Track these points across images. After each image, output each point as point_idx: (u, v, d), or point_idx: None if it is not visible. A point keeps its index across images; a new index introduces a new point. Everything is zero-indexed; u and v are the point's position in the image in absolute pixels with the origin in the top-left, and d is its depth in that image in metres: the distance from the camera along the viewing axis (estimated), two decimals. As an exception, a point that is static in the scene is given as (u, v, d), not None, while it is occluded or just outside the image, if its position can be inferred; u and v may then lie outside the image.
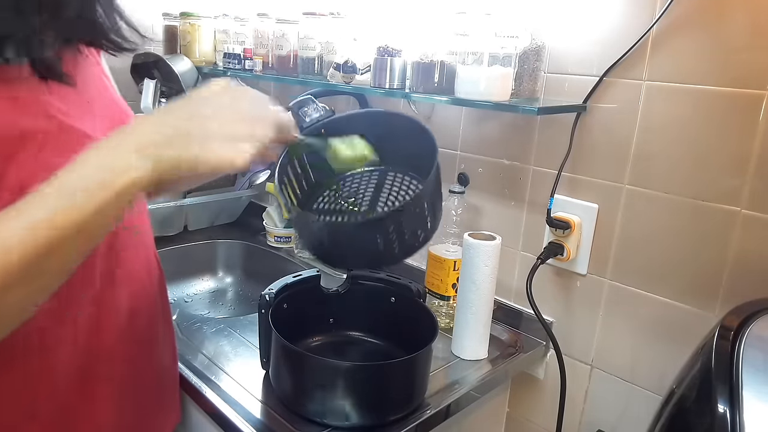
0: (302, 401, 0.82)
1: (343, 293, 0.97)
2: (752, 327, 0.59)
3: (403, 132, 0.82)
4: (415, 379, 0.84)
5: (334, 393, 0.79)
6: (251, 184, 1.65)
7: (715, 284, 0.87)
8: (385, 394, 0.81)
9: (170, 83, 1.63)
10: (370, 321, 1.00)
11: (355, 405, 0.79)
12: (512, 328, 1.13)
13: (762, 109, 0.80)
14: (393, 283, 0.97)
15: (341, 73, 1.15)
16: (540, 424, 1.13)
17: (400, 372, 0.82)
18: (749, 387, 0.52)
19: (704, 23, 0.84)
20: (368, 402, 0.80)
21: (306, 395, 0.81)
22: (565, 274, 1.06)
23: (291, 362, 0.83)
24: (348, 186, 0.85)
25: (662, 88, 0.89)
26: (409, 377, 0.83)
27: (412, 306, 0.94)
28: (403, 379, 0.83)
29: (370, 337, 1.01)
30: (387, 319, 0.98)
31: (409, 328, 0.92)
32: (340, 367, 0.80)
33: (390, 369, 0.82)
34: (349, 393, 0.79)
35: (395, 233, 0.72)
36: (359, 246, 0.73)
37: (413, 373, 0.83)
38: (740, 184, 0.83)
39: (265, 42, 1.37)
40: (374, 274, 0.99)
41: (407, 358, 0.81)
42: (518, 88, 1.00)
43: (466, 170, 1.18)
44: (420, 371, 0.84)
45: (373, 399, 0.80)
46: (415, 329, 0.89)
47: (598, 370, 1.04)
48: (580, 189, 1.02)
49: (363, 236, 0.72)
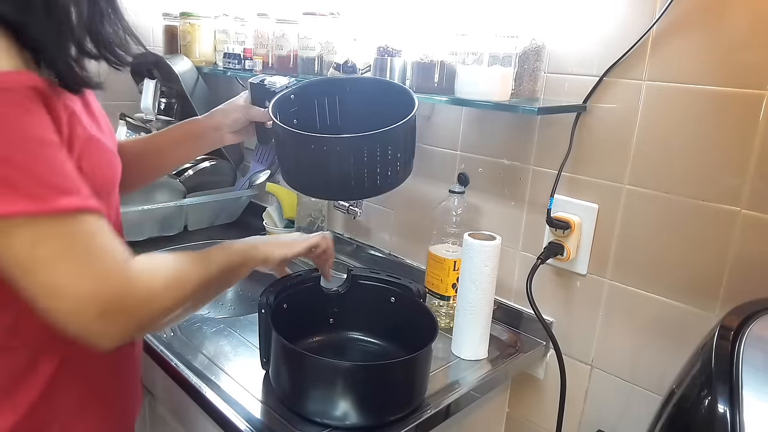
0: (302, 401, 0.81)
1: (343, 293, 0.98)
2: (752, 327, 0.59)
3: (379, 92, 0.95)
4: (414, 380, 0.84)
5: (334, 393, 0.79)
6: (251, 184, 1.65)
7: (715, 284, 0.87)
8: (384, 395, 0.81)
9: (170, 83, 1.63)
10: (370, 321, 1.00)
11: (355, 405, 0.79)
12: (512, 328, 1.13)
13: (762, 109, 0.80)
14: (393, 283, 0.97)
15: (341, 73, 1.15)
16: (540, 424, 1.13)
17: (400, 372, 0.82)
18: (749, 387, 0.52)
19: (704, 23, 0.84)
20: (368, 402, 0.80)
21: (306, 395, 0.81)
22: (565, 274, 1.06)
23: (291, 362, 0.83)
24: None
25: (662, 88, 0.89)
26: (409, 377, 0.83)
27: (412, 306, 0.94)
28: (403, 380, 0.83)
29: (370, 337, 1.01)
30: (387, 319, 0.98)
31: (410, 328, 0.92)
32: (340, 367, 0.80)
33: (389, 369, 0.82)
34: (349, 393, 0.79)
35: (366, 161, 0.82)
36: (333, 170, 0.83)
37: (413, 373, 0.83)
38: (740, 184, 0.83)
39: (265, 42, 1.37)
40: (375, 274, 0.99)
41: (407, 358, 0.81)
42: (518, 88, 1.00)
43: (466, 170, 1.18)
44: (420, 371, 0.84)
45: (373, 399, 0.80)
46: (415, 329, 0.89)
47: (598, 370, 1.04)
48: (580, 189, 1.02)
49: (338, 157, 0.81)
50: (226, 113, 0.96)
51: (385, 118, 0.83)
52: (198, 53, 1.59)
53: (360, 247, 1.43)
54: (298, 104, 0.95)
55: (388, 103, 0.89)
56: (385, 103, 0.90)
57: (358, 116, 0.90)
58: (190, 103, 1.58)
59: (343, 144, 0.82)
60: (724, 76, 0.83)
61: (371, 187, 0.85)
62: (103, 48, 0.63)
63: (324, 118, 0.99)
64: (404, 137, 0.85)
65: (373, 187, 0.86)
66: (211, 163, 1.58)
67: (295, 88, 0.95)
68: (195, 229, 1.59)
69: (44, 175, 0.52)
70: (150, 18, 1.75)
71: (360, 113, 0.93)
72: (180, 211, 1.53)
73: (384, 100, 0.93)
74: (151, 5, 1.73)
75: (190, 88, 1.57)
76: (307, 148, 0.85)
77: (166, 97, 1.69)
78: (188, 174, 1.54)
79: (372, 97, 0.96)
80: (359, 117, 0.87)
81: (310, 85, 0.98)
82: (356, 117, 0.90)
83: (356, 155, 0.82)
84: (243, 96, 0.98)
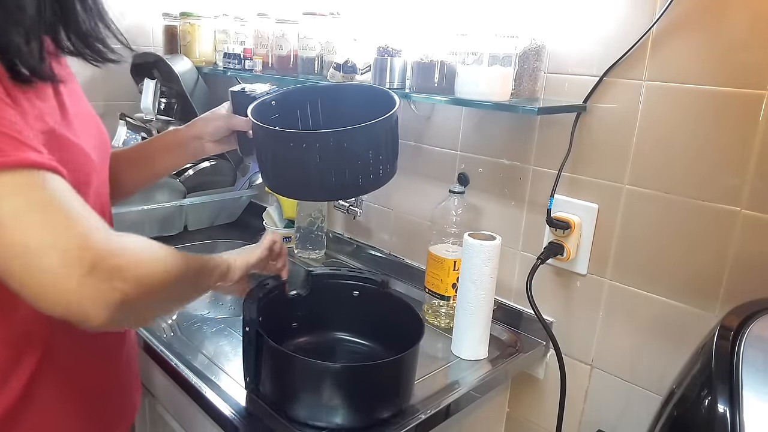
0: (307, 408, 0.81)
1: (306, 296, 0.96)
2: (752, 327, 0.59)
3: (362, 98, 0.95)
4: (400, 380, 0.83)
5: (323, 395, 0.78)
6: (251, 184, 1.65)
7: (715, 284, 0.87)
8: (375, 393, 0.81)
9: (170, 83, 1.63)
10: (352, 320, 0.99)
11: (344, 406, 0.78)
12: (512, 328, 1.13)
13: (762, 109, 0.80)
14: (356, 276, 0.97)
15: (341, 73, 1.15)
16: (540, 424, 1.13)
17: (383, 373, 0.81)
18: (749, 387, 0.52)
19: (704, 23, 0.84)
20: (360, 402, 0.79)
21: (297, 398, 0.81)
22: (565, 274, 1.06)
23: (283, 367, 0.81)
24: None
25: (662, 88, 0.89)
26: (395, 377, 0.82)
27: (381, 299, 0.94)
28: (388, 380, 0.82)
29: (354, 337, 1.00)
30: (365, 316, 0.97)
31: (391, 324, 0.92)
32: (328, 368, 0.79)
33: (368, 371, 0.81)
34: (343, 394, 0.78)
35: (347, 158, 0.81)
36: (312, 168, 0.81)
37: (398, 373, 0.82)
38: (740, 184, 0.83)
39: (265, 42, 1.37)
40: (335, 271, 0.99)
41: (394, 358, 0.80)
42: (518, 88, 1.00)
43: (466, 170, 1.18)
44: (406, 366, 0.83)
45: (367, 399, 0.80)
46: (397, 326, 0.89)
47: (598, 370, 1.04)
48: (580, 189, 1.02)
49: (319, 153, 0.81)
50: (207, 122, 0.94)
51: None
52: (198, 53, 1.59)
53: (360, 247, 1.43)
54: (280, 111, 0.94)
55: (372, 108, 0.87)
56: (368, 108, 0.88)
57: (342, 122, 0.88)
58: (190, 103, 1.58)
59: (323, 139, 0.80)
60: (724, 76, 0.83)
61: (353, 186, 0.84)
62: (80, 43, 0.61)
63: (306, 125, 0.98)
64: (385, 135, 0.84)
65: (356, 187, 0.85)
66: (211, 163, 1.58)
67: (276, 94, 0.94)
68: (195, 229, 1.59)
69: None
70: (150, 18, 1.75)
71: (343, 119, 0.90)
72: (180, 211, 1.53)
73: (367, 105, 0.91)
74: (151, 5, 1.73)
75: (190, 88, 1.57)
76: (286, 146, 0.83)
77: (166, 97, 1.69)
78: (188, 174, 1.54)
79: (355, 102, 0.95)
80: (342, 123, 0.85)
81: (291, 92, 0.97)
82: (339, 123, 0.88)
83: (336, 151, 0.80)
84: (225, 105, 0.96)
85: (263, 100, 0.92)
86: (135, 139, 1.49)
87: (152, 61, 1.62)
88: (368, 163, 0.83)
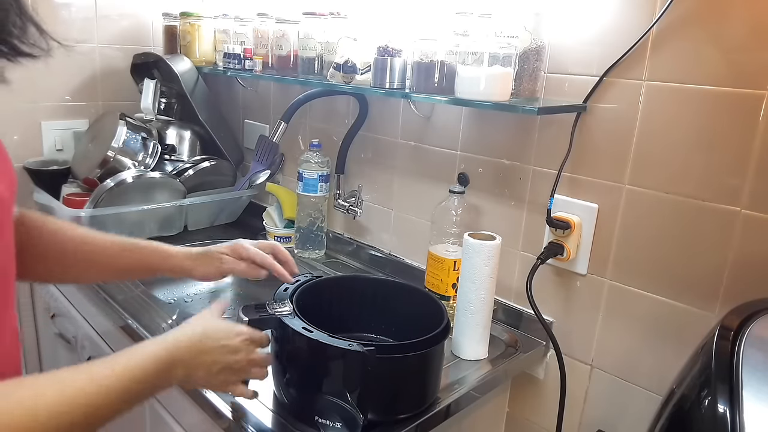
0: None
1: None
2: (752, 327, 0.59)
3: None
4: (428, 377, 0.83)
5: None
6: (251, 184, 1.65)
7: (715, 284, 0.87)
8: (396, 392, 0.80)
9: (170, 83, 1.63)
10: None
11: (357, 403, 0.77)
12: (512, 328, 1.13)
13: (762, 109, 0.80)
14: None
15: (341, 73, 1.15)
16: (540, 424, 1.13)
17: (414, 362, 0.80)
18: (749, 387, 0.52)
19: (704, 23, 0.84)
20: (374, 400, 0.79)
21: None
22: (565, 274, 1.06)
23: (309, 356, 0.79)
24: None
25: (662, 88, 0.89)
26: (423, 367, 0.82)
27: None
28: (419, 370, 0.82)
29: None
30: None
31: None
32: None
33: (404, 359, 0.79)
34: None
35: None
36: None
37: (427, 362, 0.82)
38: (740, 184, 0.83)
39: (265, 42, 1.37)
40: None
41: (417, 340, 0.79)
42: (518, 88, 1.00)
43: (466, 170, 1.18)
44: (433, 367, 0.84)
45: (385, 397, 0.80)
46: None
47: (598, 370, 1.04)
48: (580, 189, 1.02)
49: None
50: (198, 266, 0.89)
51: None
52: (198, 53, 1.59)
53: (360, 247, 1.43)
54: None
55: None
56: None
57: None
58: (190, 103, 1.58)
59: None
60: (724, 76, 0.83)
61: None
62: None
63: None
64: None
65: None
66: (211, 163, 1.58)
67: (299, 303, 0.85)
68: (195, 229, 1.59)
69: None
70: (150, 18, 1.75)
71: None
72: (180, 211, 1.53)
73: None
74: (151, 5, 1.73)
75: (190, 88, 1.57)
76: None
77: (166, 97, 1.69)
78: (188, 174, 1.54)
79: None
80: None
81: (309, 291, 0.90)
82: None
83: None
84: (222, 248, 0.91)
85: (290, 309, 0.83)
86: (135, 139, 1.48)
87: (152, 61, 1.62)
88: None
